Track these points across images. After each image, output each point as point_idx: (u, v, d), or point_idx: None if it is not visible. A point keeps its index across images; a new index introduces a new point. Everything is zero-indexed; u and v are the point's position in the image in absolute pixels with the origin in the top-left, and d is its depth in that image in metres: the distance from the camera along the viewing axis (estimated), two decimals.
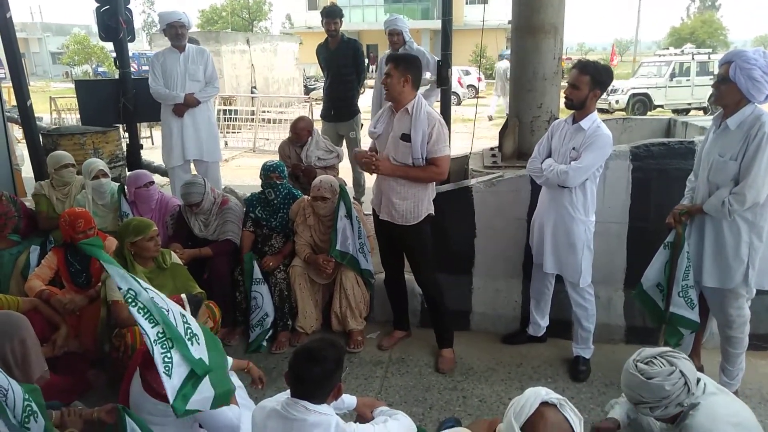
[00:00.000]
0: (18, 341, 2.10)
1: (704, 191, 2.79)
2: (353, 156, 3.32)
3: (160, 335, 2.01)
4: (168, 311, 2.08)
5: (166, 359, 1.99)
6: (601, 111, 16.74)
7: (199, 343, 2.14)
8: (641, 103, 16.93)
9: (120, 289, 1.99)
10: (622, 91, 17.13)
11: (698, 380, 2.09)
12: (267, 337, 3.68)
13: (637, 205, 3.46)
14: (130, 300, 1.99)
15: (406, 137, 3.09)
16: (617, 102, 17.00)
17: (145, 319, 1.99)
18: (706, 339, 3.28)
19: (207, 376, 2.09)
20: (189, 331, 2.13)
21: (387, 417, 2.21)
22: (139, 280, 2.06)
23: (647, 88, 17.04)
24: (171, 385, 1.98)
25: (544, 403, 1.63)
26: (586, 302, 3.23)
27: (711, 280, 2.82)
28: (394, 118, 3.16)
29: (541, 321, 3.56)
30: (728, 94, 2.62)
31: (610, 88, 16.94)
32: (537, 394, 1.65)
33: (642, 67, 18.98)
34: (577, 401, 3.04)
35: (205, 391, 2.07)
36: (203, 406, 2.08)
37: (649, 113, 16.43)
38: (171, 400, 1.97)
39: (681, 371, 2.00)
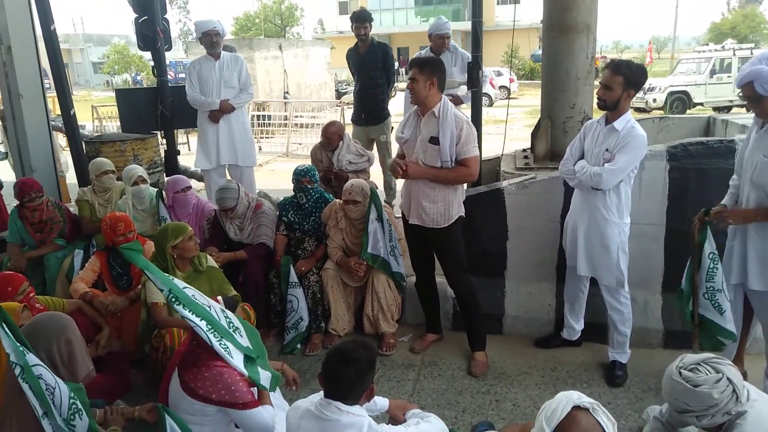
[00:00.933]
0: (64, 341, 2.18)
1: (749, 193, 2.71)
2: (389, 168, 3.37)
3: (209, 327, 2.11)
4: (209, 307, 2.17)
5: (223, 346, 2.11)
6: (638, 110, 16.40)
7: (242, 335, 2.24)
8: (680, 101, 16.48)
9: (162, 291, 2.07)
10: (660, 89, 16.70)
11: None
12: (301, 340, 3.73)
13: (675, 207, 3.38)
14: (173, 300, 2.07)
15: (434, 140, 3.09)
16: (654, 101, 16.58)
17: (192, 314, 2.08)
18: (750, 344, 3.18)
19: (257, 361, 2.20)
20: (231, 324, 2.23)
21: (419, 419, 2.22)
22: (176, 280, 2.14)
23: (686, 85, 16.58)
24: (237, 363, 2.12)
25: (576, 407, 1.61)
26: (621, 306, 3.17)
27: (757, 282, 2.73)
28: (421, 121, 3.17)
29: (576, 325, 3.50)
30: (764, 106, 2.57)
31: (647, 86, 16.53)
32: (569, 398, 1.63)
33: (680, 64, 18.49)
34: (613, 407, 2.99)
35: (263, 372, 2.20)
36: (267, 385, 2.22)
37: (688, 111, 15.99)
38: (245, 373, 2.13)
39: (728, 378, 1.93)
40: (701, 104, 16.40)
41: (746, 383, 2.09)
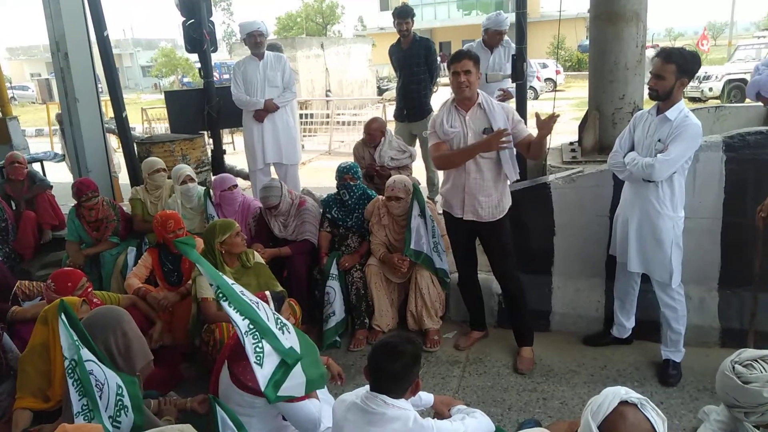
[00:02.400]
0: (120, 333, 2.27)
1: None
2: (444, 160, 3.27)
3: (250, 327, 2.13)
4: (257, 304, 2.20)
5: (257, 349, 2.11)
6: (693, 100, 15.75)
7: (289, 332, 2.25)
8: (738, 89, 15.71)
9: (211, 285, 2.12)
10: (716, 77, 15.96)
11: None
12: (338, 333, 3.75)
13: (732, 200, 3.23)
14: (220, 296, 2.12)
15: (488, 131, 3.08)
16: (711, 89, 15.86)
17: (236, 312, 2.12)
18: None
19: (299, 363, 2.19)
20: (278, 321, 2.25)
21: (465, 414, 2.21)
22: (226, 277, 2.18)
23: (745, 73, 15.77)
24: (262, 375, 2.09)
25: (624, 402, 1.55)
26: (675, 303, 3.06)
27: None
28: (466, 116, 3.14)
29: (627, 322, 3.40)
30: None
31: (702, 74, 15.86)
32: (616, 393, 1.57)
33: (738, 51, 17.61)
34: (666, 406, 2.89)
35: (296, 377, 2.17)
36: (296, 392, 2.18)
37: (746, 100, 15.25)
38: (262, 388, 2.08)
39: None
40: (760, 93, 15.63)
41: None
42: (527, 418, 2.86)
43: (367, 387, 2.00)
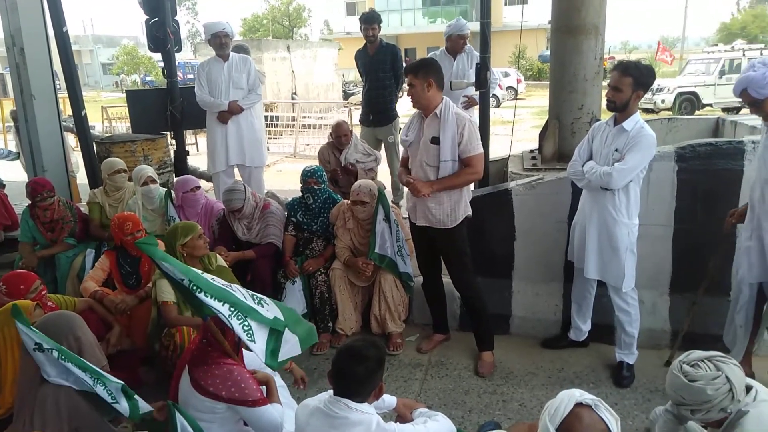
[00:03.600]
0: (73, 338, 2.24)
1: (762, 191, 2.77)
2: (398, 178, 3.42)
3: (232, 310, 2.14)
4: (230, 287, 2.22)
5: (245, 328, 2.14)
6: (647, 111, 16.32)
7: (267, 304, 2.28)
8: (689, 102, 16.39)
9: (182, 280, 2.11)
10: (669, 90, 16.62)
11: (750, 387, 2.03)
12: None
13: (683, 208, 3.37)
14: (195, 288, 2.12)
15: (435, 140, 3.12)
16: (663, 101, 16.51)
17: (214, 299, 2.13)
18: (758, 346, 3.17)
19: (287, 328, 2.24)
20: (254, 297, 2.27)
21: (426, 418, 2.24)
22: (194, 269, 2.18)
23: (695, 86, 16.49)
24: (259, 349, 2.14)
25: (579, 404, 1.62)
26: (629, 307, 3.17)
27: None
28: (424, 123, 3.20)
29: (583, 325, 3.50)
30: (764, 108, 2.68)
31: (655, 87, 16.43)
32: (571, 395, 1.64)
33: (689, 65, 18.37)
34: (620, 407, 2.99)
35: (289, 339, 2.24)
36: (294, 352, 2.26)
37: (697, 112, 15.89)
38: (264, 361, 2.15)
39: (727, 376, 1.95)
40: (710, 105, 16.30)
41: (756, 383, 2.10)
42: (488, 420, 2.91)
43: (331, 392, 2.01)
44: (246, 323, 2.15)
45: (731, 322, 3.06)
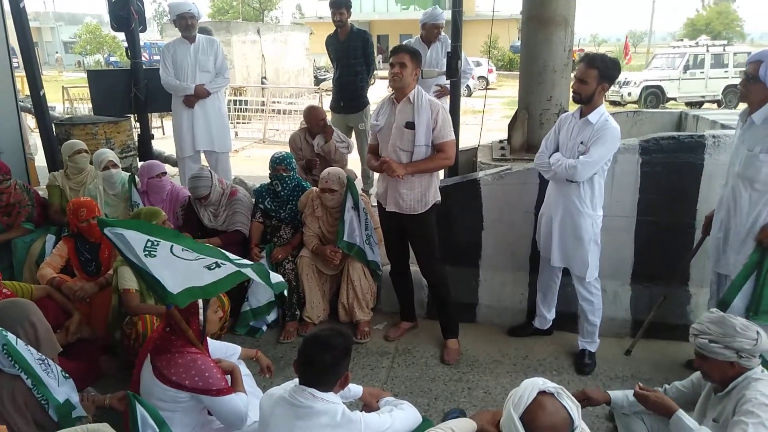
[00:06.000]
0: (28, 324, 2.18)
1: (734, 185, 2.82)
2: (367, 164, 3.42)
3: (221, 261, 2.19)
4: (189, 250, 2.18)
5: (237, 262, 2.22)
6: (613, 103, 16.63)
7: (225, 263, 2.23)
8: (654, 95, 16.77)
9: (148, 242, 2.08)
10: (635, 83, 16.97)
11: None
12: (250, 323, 3.73)
13: (646, 200, 3.45)
14: (155, 244, 2.10)
15: (410, 125, 3.13)
16: (629, 94, 16.85)
17: (185, 249, 2.14)
18: None
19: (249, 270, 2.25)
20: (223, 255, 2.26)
21: (392, 407, 2.24)
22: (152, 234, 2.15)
23: (660, 80, 16.87)
24: (252, 271, 2.22)
25: (542, 393, 1.65)
26: (592, 296, 3.24)
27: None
28: (396, 108, 3.20)
29: (548, 314, 3.57)
30: (755, 92, 2.68)
31: (622, 79, 16.77)
32: (534, 384, 1.67)
33: (655, 59, 18.77)
34: None
35: (274, 277, 2.32)
36: (282, 287, 2.35)
37: (661, 106, 16.27)
38: (271, 283, 2.27)
39: (758, 331, 2.04)
40: (675, 99, 16.71)
41: None
42: (453, 407, 2.94)
43: (296, 381, 1.99)
44: (237, 260, 2.21)
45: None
